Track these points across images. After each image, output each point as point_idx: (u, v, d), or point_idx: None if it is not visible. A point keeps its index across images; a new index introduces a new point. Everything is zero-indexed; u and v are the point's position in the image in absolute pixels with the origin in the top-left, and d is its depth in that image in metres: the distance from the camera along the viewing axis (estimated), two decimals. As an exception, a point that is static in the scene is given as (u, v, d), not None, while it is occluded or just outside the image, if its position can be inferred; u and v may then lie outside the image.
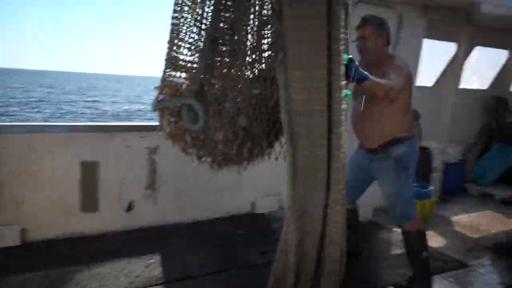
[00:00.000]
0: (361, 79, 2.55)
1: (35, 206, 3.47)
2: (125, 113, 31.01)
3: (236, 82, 2.18)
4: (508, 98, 6.55)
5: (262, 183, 4.42)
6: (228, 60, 2.19)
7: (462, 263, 3.64)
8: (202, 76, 2.18)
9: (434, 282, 3.25)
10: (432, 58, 6.28)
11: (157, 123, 2.61)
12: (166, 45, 2.31)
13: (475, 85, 6.77)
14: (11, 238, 3.35)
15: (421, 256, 3.01)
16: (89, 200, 3.64)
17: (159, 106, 2.36)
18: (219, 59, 2.19)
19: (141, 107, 35.81)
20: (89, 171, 3.59)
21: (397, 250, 3.84)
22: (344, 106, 2.10)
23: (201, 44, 2.20)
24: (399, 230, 4.24)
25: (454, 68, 5.92)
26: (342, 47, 2.01)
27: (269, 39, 2.13)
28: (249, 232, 3.94)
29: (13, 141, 3.36)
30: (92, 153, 3.60)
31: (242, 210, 4.35)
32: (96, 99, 43.57)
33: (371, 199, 4.46)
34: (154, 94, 2.47)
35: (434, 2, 4.41)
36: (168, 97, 2.31)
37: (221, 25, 2.17)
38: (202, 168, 2.53)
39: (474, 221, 4.75)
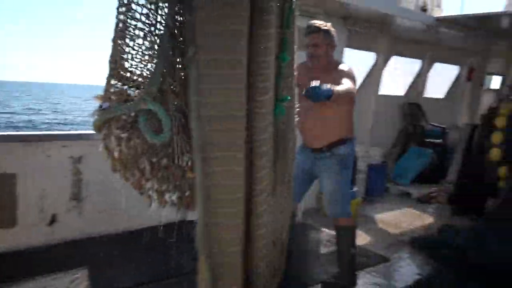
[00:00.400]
0: (327, 97, 2.72)
1: None
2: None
3: None
4: (422, 104, 7.13)
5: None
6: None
7: (384, 258, 3.89)
8: (162, 78, 1.65)
9: (358, 277, 3.45)
10: (356, 66, 6.66)
11: (81, 132, 2.50)
12: (110, 44, 1.71)
13: (394, 92, 7.29)
14: None
15: (350, 251, 3.19)
16: (6, 214, 3.39)
17: (105, 116, 1.65)
18: (179, 60, 1.71)
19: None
20: (6, 183, 3.35)
21: (326, 249, 4.02)
22: (278, 110, 1.85)
23: (157, 41, 1.69)
24: (327, 230, 4.46)
25: (374, 76, 6.34)
26: (269, 45, 1.72)
27: None
28: (181, 240, 3.88)
29: None
30: (9, 165, 3.37)
31: (173, 218, 4.28)
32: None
33: (301, 202, 4.63)
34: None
35: (353, 14, 4.71)
36: (117, 104, 1.66)
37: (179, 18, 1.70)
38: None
39: (395, 218, 5.09)
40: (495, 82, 8.88)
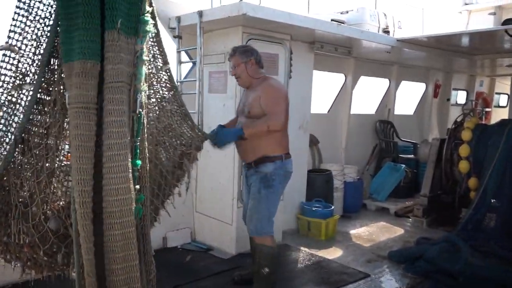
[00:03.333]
0: (240, 138, 2.91)
1: None
2: None
3: (45, 186, 2.08)
4: (393, 121, 7.36)
5: (172, 217, 4.39)
6: (37, 163, 2.07)
7: (365, 274, 3.95)
8: (2, 176, 2.04)
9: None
10: (328, 87, 6.87)
11: None
12: None
13: (365, 111, 7.52)
14: None
15: (263, 270, 3.18)
16: None
17: None
18: (26, 160, 2.06)
19: None
20: None
21: (305, 269, 4.06)
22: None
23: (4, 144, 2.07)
24: (307, 250, 4.51)
25: (344, 96, 6.54)
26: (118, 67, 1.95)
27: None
28: (162, 267, 3.86)
29: None
30: None
31: (153, 246, 4.25)
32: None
33: (280, 223, 4.68)
34: None
35: (319, 38, 4.90)
36: None
37: (34, 129, 2.08)
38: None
39: (373, 234, 5.18)
40: (462, 97, 9.25)
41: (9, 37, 2.03)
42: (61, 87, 2.05)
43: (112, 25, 1.94)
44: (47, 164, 2.07)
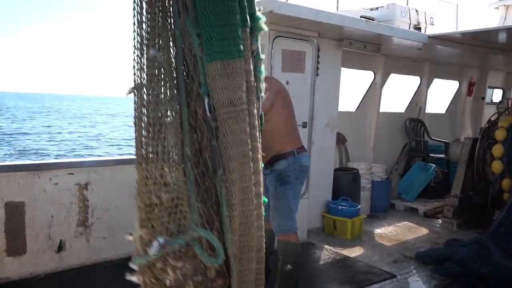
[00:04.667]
0: None
1: None
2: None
3: None
4: (424, 119, 7.19)
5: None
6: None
7: (391, 274, 3.89)
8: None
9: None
10: (357, 85, 6.80)
11: (86, 159, 2.60)
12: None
13: (395, 109, 7.38)
14: None
15: (286, 267, 3.16)
16: (16, 242, 3.48)
17: (162, 252, 1.59)
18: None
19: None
20: (15, 212, 3.45)
21: (329, 267, 4.03)
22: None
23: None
24: (331, 248, 4.48)
25: (373, 94, 6.44)
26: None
27: None
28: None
29: None
30: (17, 193, 3.48)
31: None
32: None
33: (305, 221, 4.68)
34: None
35: (347, 35, 4.84)
36: (170, 239, 1.65)
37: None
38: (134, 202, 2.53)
39: (400, 234, 5.09)
40: (498, 95, 8.92)
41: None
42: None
43: (244, 23, 1.76)
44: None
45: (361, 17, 5.19)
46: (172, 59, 1.73)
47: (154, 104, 1.62)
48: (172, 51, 1.75)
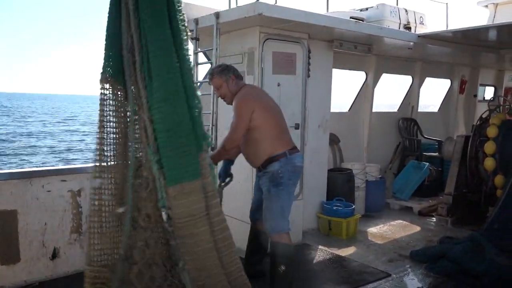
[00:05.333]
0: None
1: None
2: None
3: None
4: (416, 118, 7.23)
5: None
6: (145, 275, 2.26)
7: (386, 273, 3.90)
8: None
9: (359, 294, 3.49)
10: (349, 85, 6.83)
11: (78, 165, 2.62)
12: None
13: (387, 109, 7.42)
14: None
15: (279, 268, 3.18)
16: (9, 251, 3.46)
17: None
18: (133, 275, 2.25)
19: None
20: (7, 220, 3.43)
21: (325, 268, 4.04)
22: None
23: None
24: (327, 249, 4.49)
25: (365, 94, 6.47)
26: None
27: None
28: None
29: None
30: (9, 202, 3.46)
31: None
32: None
33: (300, 222, 4.68)
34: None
35: (338, 36, 4.86)
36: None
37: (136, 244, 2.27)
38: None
39: (395, 233, 5.11)
40: (490, 93, 8.99)
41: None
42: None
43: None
44: (156, 272, 2.26)
45: (351, 18, 5.22)
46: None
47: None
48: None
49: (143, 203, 2.25)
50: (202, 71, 4.71)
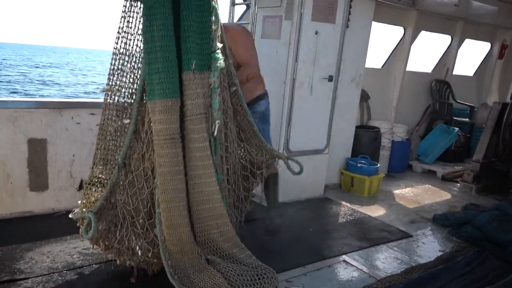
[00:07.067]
0: None
1: None
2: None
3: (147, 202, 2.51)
4: (450, 81, 6.95)
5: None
6: (138, 183, 2.50)
7: (406, 234, 3.88)
8: (110, 194, 2.49)
9: (380, 251, 3.48)
10: (384, 40, 6.53)
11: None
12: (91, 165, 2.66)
13: (421, 68, 7.13)
14: None
15: (275, 189, 3.54)
16: (38, 178, 3.52)
17: (74, 217, 2.58)
18: (128, 181, 2.50)
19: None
20: (37, 148, 3.46)
21: (345, 223, 4.04)
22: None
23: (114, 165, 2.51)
24: (348, 204, 4.48)
25: (401, 51, 6.19)
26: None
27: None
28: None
29: None
30: (40, 131, 3.47)
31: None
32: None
33: (323, 176, 4.65)
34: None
35: None
36: (80, 210, 2.56)
37: (134, 155, 2.49)
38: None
39: (417, 195, 5.05)
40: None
41: (109, 78, 2.48)
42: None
43: (188, 67, 2.34)
44: (146, 184, 2.48)
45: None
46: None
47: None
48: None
49: (147, 117, 2.42)
50: (238, 11, 4.51)
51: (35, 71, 39.22)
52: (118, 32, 2.42)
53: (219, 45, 2.43)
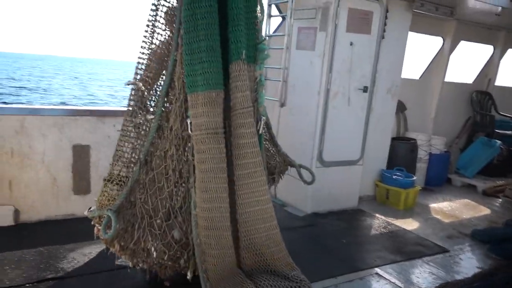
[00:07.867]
0: None
1: (27, 188, 3.53)
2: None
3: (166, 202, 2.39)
4: (492, 92, 6.72)
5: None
6: (159, 182, 2.38)
7: (443, 248, 3.78)
8: (130, 192, 2.37)
9: (415, 265, 3.41)
10: (421, 51, 6.43)
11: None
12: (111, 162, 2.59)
13: (461, 79, 6.94)
14: (5, 219, 3.42)
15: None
16: (81, 182, 3.70)
17: (90, 215, 2.51)
18: (149, 179, 2.40)
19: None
20: (81, 154, 3.65)
21: (379, 236, 3.98)
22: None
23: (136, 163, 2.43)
24: (382, 217, 4.41)
25: (439, 62, 6.07)
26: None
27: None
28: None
29: (5, 123, 3.42)
30: (84, 137, 3.67)
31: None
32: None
33: (357, 188, 4.61)
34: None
35: None
36: (97, 208, 2.47)
37: (156, 152, 2.39)
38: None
39: (456, 210, 4.90)
40: None
41: (136, 73, 2.44)
42: (177, 115, 2.33)
43: (237, 56, 2.21)
44: (166, 183, 2.39)
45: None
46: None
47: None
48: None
49: (172, 114, 2.33)
50: (274, 23, 4.59)
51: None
52: (147, 25, 2.38)
53: (264, 35, 2.37)
